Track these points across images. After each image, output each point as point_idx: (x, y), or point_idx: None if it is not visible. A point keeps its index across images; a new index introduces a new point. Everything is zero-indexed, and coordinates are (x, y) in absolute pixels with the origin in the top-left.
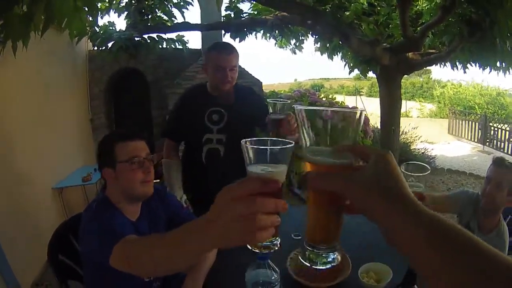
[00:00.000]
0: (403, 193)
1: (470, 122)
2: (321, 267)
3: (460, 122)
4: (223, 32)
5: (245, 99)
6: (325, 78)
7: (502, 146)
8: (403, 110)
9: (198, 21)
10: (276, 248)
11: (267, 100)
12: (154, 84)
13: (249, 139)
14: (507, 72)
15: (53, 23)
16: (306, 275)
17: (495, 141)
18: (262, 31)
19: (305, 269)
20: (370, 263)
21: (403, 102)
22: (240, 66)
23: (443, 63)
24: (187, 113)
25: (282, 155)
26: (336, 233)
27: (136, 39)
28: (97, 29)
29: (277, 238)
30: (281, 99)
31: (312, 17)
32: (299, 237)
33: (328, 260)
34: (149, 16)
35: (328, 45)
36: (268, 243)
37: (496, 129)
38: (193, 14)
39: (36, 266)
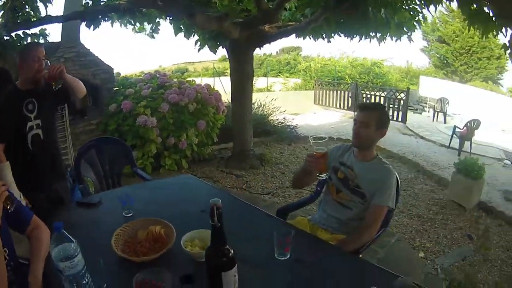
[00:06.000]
0: None
1: (338, 92)
2: None
3: (328, 92)
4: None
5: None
6: (190, 62)
7: None
8: (263, 85)
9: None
10: None
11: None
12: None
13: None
14: (382, 41)
15: None
16: (132, 250)
17: None
18: (118, 19)
19: (128, 244)
20: (194, 231)
21: (265, 78)
22: (93, 54)
23: (303, 36)
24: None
25: None
26: None
27: (6, 38)
28: None
29: None
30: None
31: None
32: (130, 214)
33: None
34: (19, 14)
35: (181, 25)
36: None
37: (368, 95)
38: (60, 8)
39: None
